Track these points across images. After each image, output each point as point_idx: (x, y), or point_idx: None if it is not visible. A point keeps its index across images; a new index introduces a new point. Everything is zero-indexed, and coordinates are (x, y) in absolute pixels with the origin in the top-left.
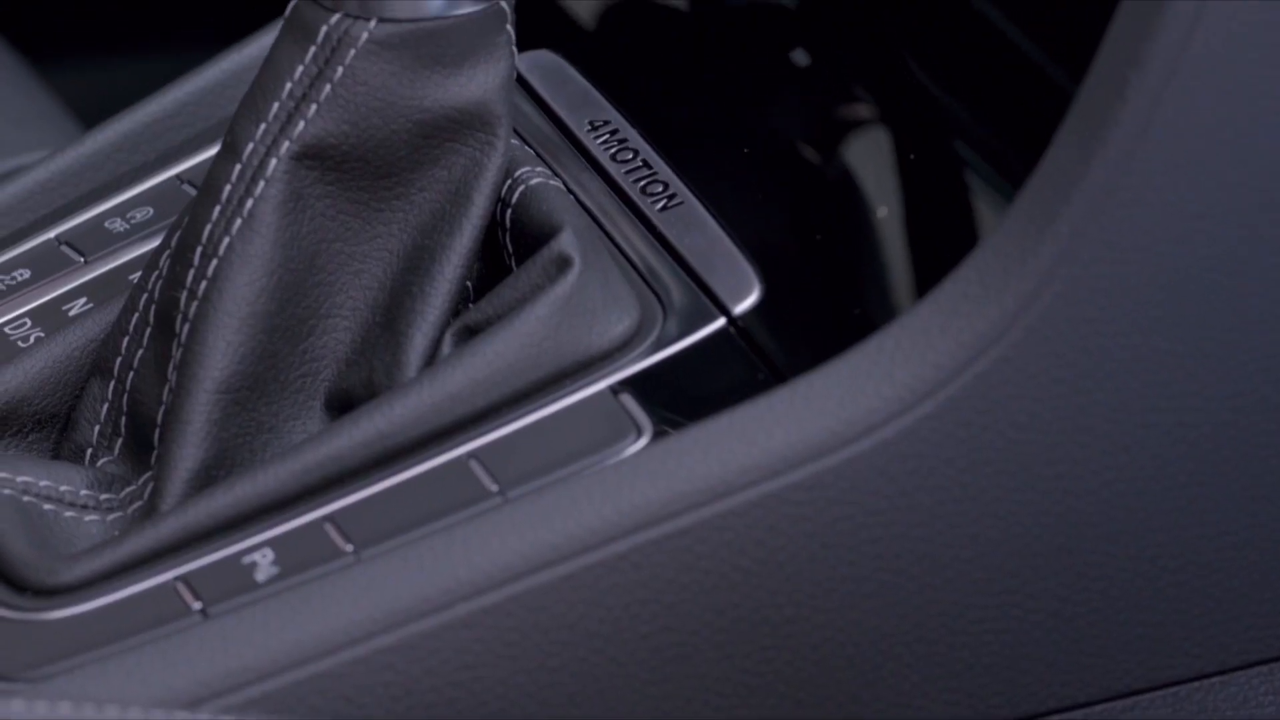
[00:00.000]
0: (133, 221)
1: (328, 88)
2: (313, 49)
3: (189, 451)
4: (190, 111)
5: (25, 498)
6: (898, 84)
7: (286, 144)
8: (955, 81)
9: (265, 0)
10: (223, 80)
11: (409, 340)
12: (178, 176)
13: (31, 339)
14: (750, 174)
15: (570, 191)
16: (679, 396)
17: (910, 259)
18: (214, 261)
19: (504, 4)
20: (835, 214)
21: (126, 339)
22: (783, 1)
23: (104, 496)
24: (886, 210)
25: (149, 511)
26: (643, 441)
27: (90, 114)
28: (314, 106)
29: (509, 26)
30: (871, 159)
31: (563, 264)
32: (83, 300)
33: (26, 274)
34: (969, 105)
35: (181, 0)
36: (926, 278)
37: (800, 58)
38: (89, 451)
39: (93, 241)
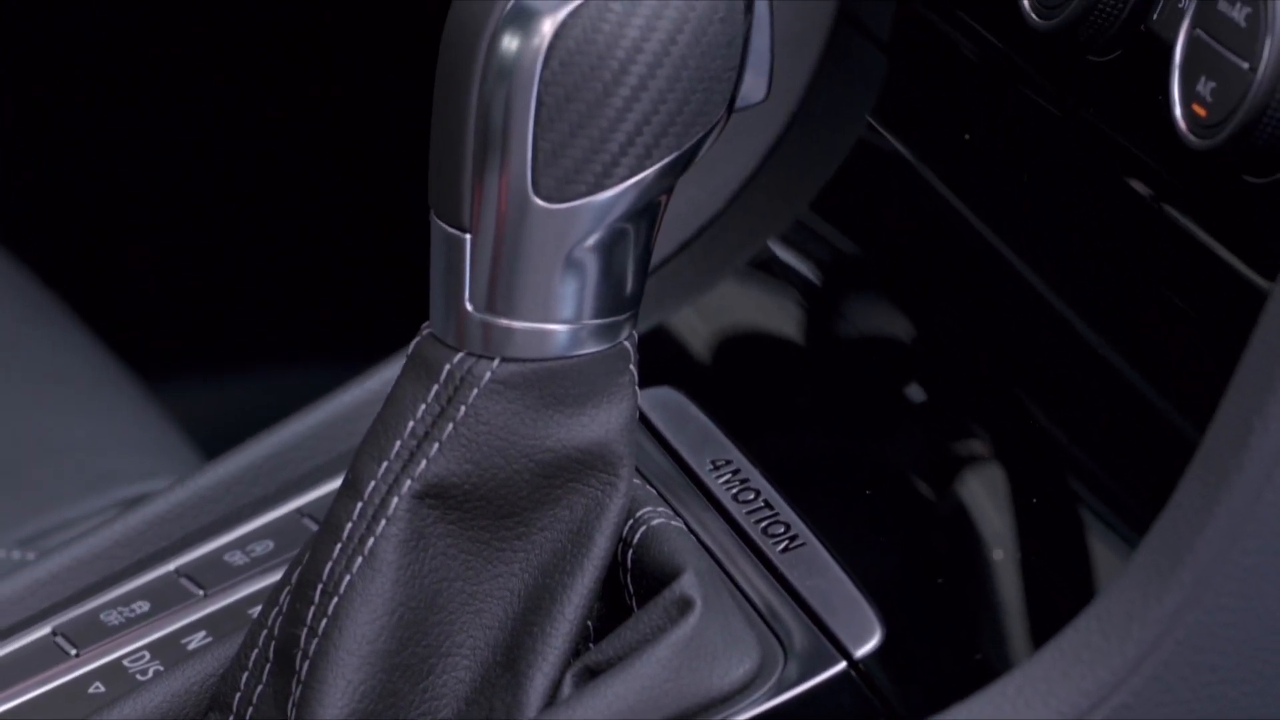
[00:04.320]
0: (253, 555)
1: (450, 427)
2: (435, 387)
3: None
4: (311, 445)
5: None
6: (1016, 424)
7: (408, 483)
8: (1074, 423)
9: (384, 323)
10: (343, 413)
11: (529, 680)
12: (298, 510)
13: (150, 672)
14: (871, 514)
15: (692, 532)
16: None
17: (1031, 603)
18: (334, 599)
19: (627, 343)
20: (955, 555)
21: (246, 675)
22: (899, 338)
23: None
24: (1006, 552)
25: None
26: None
27: (208, 436)
28: (436, 445)
29: (632, 366)
30: (991, 499)
31: (684, 606)
32: (202, 634)
33: (146, 606)
34: (1088, 447)
35: (299, 323)
36: (1048, 623)
37: (916, 394)
38: None
39: (212, 575)
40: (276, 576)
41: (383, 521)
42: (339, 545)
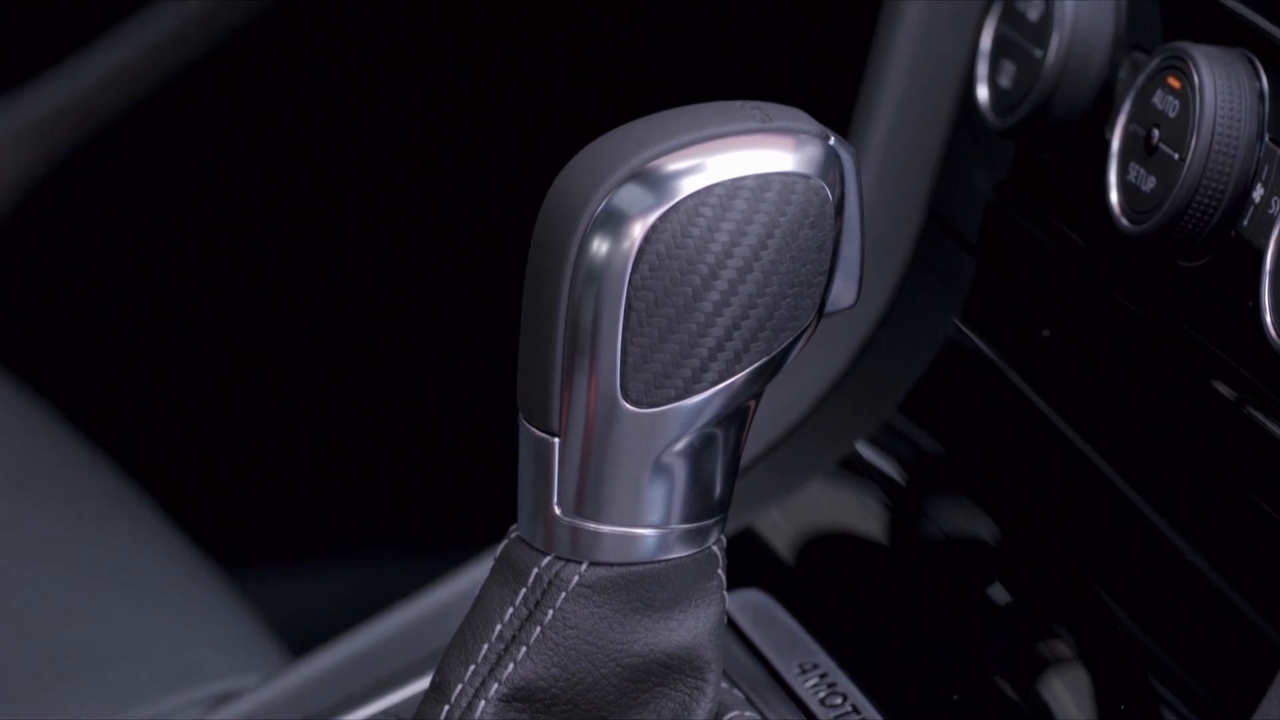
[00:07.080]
0: None
1: (538, 630)
2: (523, 590)
3: None
4: (399, 644)
5: None
6: (1101, 627)
7: (495, 686)
8: (1160, 627)
9: (470, 517)
10: (431, 613)
11: None
12: (386, 710)
13: None
14: (958, 718)
15: None
16: None
17: None
18: None
19: (715, 548)
20: None
21: None
22: (986, 540)
23: None
24: None
25: None
26: None
27: (293, 630)
28: (523, 649)
29: (720, 570)
30: (1076, 703)
31: None
32: None
33: None
34: (1174, 652)
35: (383, 516)
36: None
37: (1002, 596)
38: None
39: None
40: None
41: None
42: None
